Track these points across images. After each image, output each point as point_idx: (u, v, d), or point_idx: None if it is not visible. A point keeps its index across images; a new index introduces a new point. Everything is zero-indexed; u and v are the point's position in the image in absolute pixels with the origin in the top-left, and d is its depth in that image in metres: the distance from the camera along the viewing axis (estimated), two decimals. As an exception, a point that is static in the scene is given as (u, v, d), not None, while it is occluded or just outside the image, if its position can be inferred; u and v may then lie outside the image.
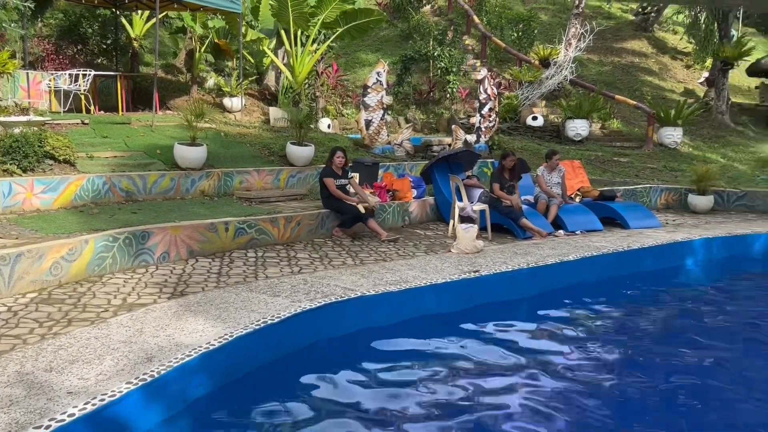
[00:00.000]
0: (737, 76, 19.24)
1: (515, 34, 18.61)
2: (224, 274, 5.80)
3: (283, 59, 13.39)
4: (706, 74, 18.96)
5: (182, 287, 5.35)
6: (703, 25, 18.61)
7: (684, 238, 8.20)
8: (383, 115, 11.32)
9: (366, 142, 11.30)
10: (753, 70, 17.62)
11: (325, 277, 5.69)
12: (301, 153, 9.73)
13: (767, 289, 7.60)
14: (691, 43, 20.61)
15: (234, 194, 8.70)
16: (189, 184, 8.46)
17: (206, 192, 8.57)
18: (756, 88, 18.33)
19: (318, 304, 4.80)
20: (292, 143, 9.80)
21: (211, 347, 3.89)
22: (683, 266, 8.05)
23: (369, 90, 11.15)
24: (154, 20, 11.31)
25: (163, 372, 3.50)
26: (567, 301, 6.20)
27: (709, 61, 18.54)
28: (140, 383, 3.35)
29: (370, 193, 8.51)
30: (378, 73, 11.12)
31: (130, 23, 13.45)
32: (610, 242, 7.77)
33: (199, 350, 3.82)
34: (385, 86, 11.26)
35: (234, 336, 4.09)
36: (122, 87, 11.70)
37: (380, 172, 9.67)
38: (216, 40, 13.52)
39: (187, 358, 3.70)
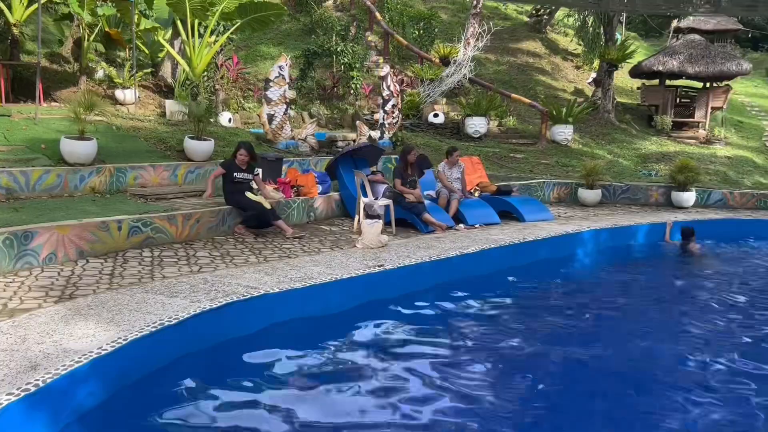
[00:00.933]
0: (621, 77, 20.55)
1: (416, 32, 18.92)
2: (117, 275, 5.51)
3: (179, 50, 12.89)
4: (593, 75, 20.11)
5: (71, 290, 5.03)
6: (591, 28, 19.71)
7: (574, 230, 8.68)
8: (286, 109, 11.16)
9: (269, 137, 11.11)
10: (635, 72, 18.85)
11: (226, 275, 5.54)
12: (199, 148, 9.41)
13: (650, 275, 8.20)
14: (580, 45, 21.79)
15: (128, 191, 8.27)
16: (77, 180, 7.97)
17: (97, 189, 8.10)
18: (638, 88, 19.64)
19: (219, 304, 4.66)
20: (190, 137, 9.46)
21: (103, 352, 3.68)
22: (574, 256, 8.52)
23: (271, 84, 10.96)
24: (36, 5, 10.52)
25: (49, 381, 3.27)
26: (468, 292, 6.37)
27: (596, 63, 19.67)
28: (23, 394, 3.11)
29: (274, 188, 8.38)
30: (280, 67, 10.95)
31: (9, 7, 12.45)
32: (507, 235, 8.08)
33: (90, 356, 3.61)
34: (287, 80, 11.10)
35: (128, 340, 3.89)
36: (0, 76, 10.81)
37: (284, 167, 9.54)
38: (106, 29, 12.79)
39: (77, 365, 3.48)
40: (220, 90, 13.80)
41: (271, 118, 11.02)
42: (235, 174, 7.57)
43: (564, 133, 15.17)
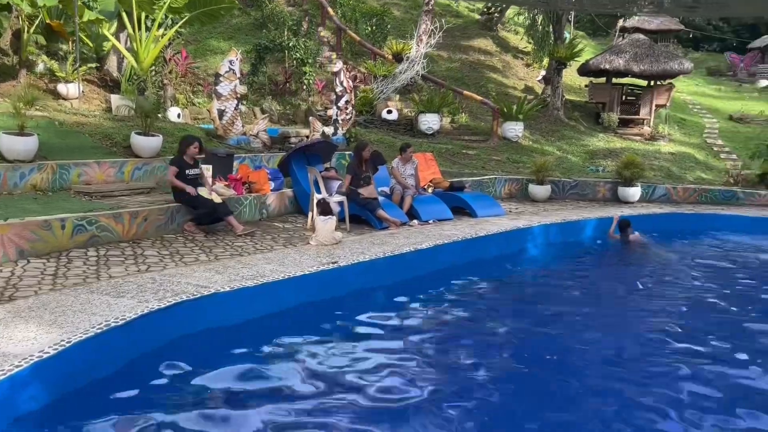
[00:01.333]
0: (570, 75, 21.00)
1: (369, 28, 18.89)
2: (61, 276, 5.31)
3: (125, 44, 12.51)
4: (543, 73, 20.48)
5: (11, 292, 4.82)
6: (540, 27, 20.06)
7: (525, 225, 8.83)
8: (237, 104, 10.98)
9: (219, 133, 10.91)
10: (583, 70, 19.29)
11: (175, 274, 5.41)
12: (147, 144, 9.16)
13: (596, 267, 8.43)
14: (530, 43, 22.15)
15: (71, 189, 7.98)
16: (17, 177, 7.64)
17: (38, 186, 7.78)
18: (585, 86, 20.11)
19: (168, 304, 4.55)
20: (137, 133, 9.19)
21: (45, 355, 3.54)
22: (525, 250, 8.66)
23: (221, 79, 10.76)
24: (-30, -6, 10.05)
25: (-14, 387, 3.13)
26: (422, 287, 6.42)
27: (545, 61, 20.04)
28: (-43, 402, 2.97)
29: (224, 185, 8.23)
30: (230, 62, 10.76)
31: (-59, -4, 11.84)
32: (460, 230, 8.16)
33: (31, 360, 3.47)
34: (238, 75, 10.92)
35: (72, 342, 3.75)
36: (-68, 68, 10.29)
37: (235, 163, 9.38)
38: (47, 20, 12.30)
39: (16, 369, 3.34)
40: (169, 85, 13.46)
41: (221, 113, 10.83)
42: (187, 171, 7.40)
43: (515, 130, 15.41)
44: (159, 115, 10.65)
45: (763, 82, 27.13)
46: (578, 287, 7.26)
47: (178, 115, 12.44)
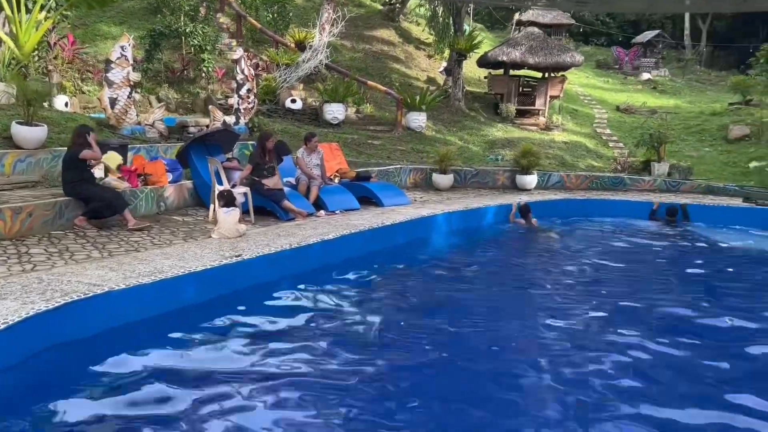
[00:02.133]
0: (470, 67, 21.56)
1: (270, 16, 18.50)
2: (-69, 279, 4.83)
3: (3, 27, 11.54)
4: (444, 64, 20.89)
5: None
6: (441, 19, 20.43)
7: (429, 213, 8.99)
8: (130, 92, 10.42)
9: (112, 122, 10.31)
10: (482, 62, 19.86)
11: (65, 273, 5.06)
12: (30, 134, 8.49)
13: (498, 251, 8.72)
14: (431, 34, 22.52)
15: (-57, 183, 7.29)
16: None
17: None
18: (485, 78, 20.72)
19: (56, 305, 4.24)
20: (18, 123, 8.50)
21: None
22: (430, 238, 8.83)
23: (113, 65, 10.17)
24: None
25: None
26: (330, 278, 6.37)
27: (446, 52, 20.45)
28: None
29: (117, 178, 7.79)
30: (122, 47, 10.18)
31: None
32: (366, 220, 8.18)
33: None
34: (131, 62, 10.36)
35: (-55, 351, 3.42)
36: None
37: (129, 154, 8.91)
38: None
39: None
40: (54, 71, 12.59)
41: (113, 101, 10.24)
42: (86, 162, 6.96)
43: (418, 120, 15.63)
44: (44, 104, 9.91)
45: (645, 75, 29.04)
46: (482, 272, 7.48)
47: (66, 104, 11.66)
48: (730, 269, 7.96)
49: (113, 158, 8.16)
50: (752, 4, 17.97)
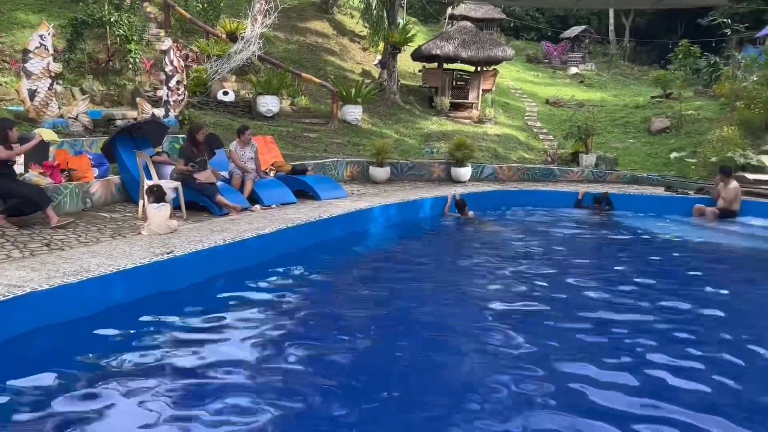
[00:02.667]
0: (405, 60, 21.66)
1: (200, 6, 18.00)
2: None
3: None
4: (379, 57, 20.90)
5: None
6: (375, 11, 20.41)
7: (367, 206, 8.99)
8: (51, 84, 9.92)
9: (31, 115, 9.79)
10: (416, 55, 19.98)
11: (-19, 274, 4.78)
12: (-60, 128, 7.95)
13: (435, 243, 8.82)
14: (365, 27, 22.46)
15: None
16: None
17: None
18: (419, 71, 20.86)
19: (-28, 308, 4.00)
20: (-74, 116, 7.96)
21: None
22: (367, 230, 8.84)
23: (31, 55, 9.64)
24: None
25: None
26: (266, 273, 6.27)
27: (381, 45, 20.46)
28: None
29: (39, 173, 7.41)
30: (41, 36, 9.67)
31: None
32: (303, 214, 8.10)
33: None
34: (51, 51, 9.85)
35: None
36: None
37: (51, 149, 8.48)
38: None
39: None
40: (-35, 61, 11.83)
41: (32, 93, 9.72)
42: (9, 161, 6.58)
43: (354, 113, 15.59)
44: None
45: (573, 69, 29.97)
46: (419, 263, 7.54)
47: (-21, 96, 10.99)
48: (653, 255, 8.32)
49: (48, 134, 7.83)
50: (669, 2, 18.86)
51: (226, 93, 14.86)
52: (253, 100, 14.99)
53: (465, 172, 13.06)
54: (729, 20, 23.45)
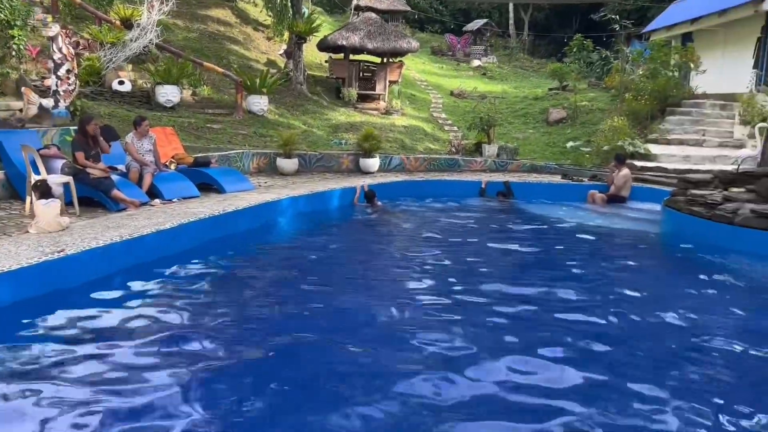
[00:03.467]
0: (311, 50, 21.45)
1: (92, -10, 16.98)
2: None
3: None
4: (284, 47, 20.57)
5: None
6: (279, 0, 20.05)
7: (273, 198, 8.86)
8: None
9: None
10: (322, 46, 19.81)
11: None
12: None
13: (344, 234, 8.82)
14: (269, 16, 22.04)
15: None
16: None
17: None
18: (326, 62, 20.73)
19: None
20: None
21: None
22: (275, 223, 8.71)
23: None
24: None
25: None
26: (166, 269, 6.05)
27: (286, 35, 20.14)
28: None
29: None
30: None
31: None
32: (206, 207, 7.86)
33: None
34: None
35: None
36: None
37: None
38: None
39: None
40: None
41: None
42: None
43: (259, 103, 15.27)
44: None
45: (476, 62, 30.80)
46: (328, 255, 7.52)
47: None
48: (551, 239, 8.73)
49: None
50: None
51: (122, 82, 14.13)
52: (151, 90, 14.34)
53: (373, 162, 13.13)
54: (618, 16, 24.92)
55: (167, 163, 9.71)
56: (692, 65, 17.79)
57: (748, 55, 17.21)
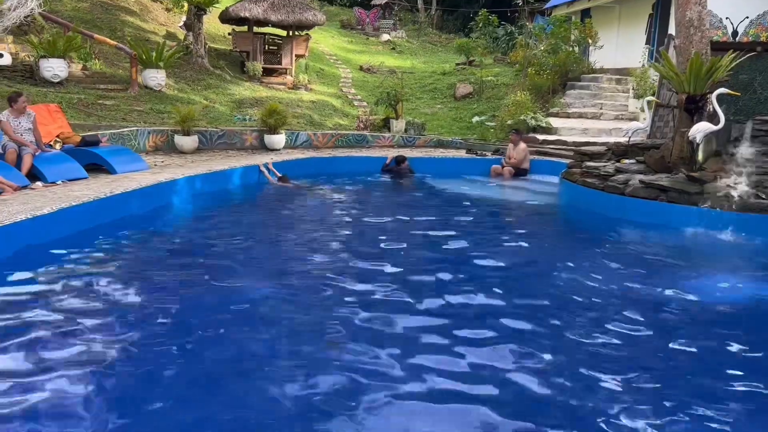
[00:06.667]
0: (213, 22, 20.55)
1: (-38, -48, 15.44)
2: None
3: None
4: (184, 18, 19.61)
5: None
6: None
7: (168, 178, 8.43)
8: None
9: None
10: (224, 18, 18.98)
11: None
12: None
13: (252, 214, 8.55)
14: (168, -14, 20.94)
15: None
16: None
17: None
18: (229, 34, 19.93)
19: None
20: None
21: None
22: (170, 204, 8.31)
23: None
24: None
25: None
26: (45, 259, 5.59)
27: (185, 6, 19.18)
28: None
29: None
30: None
31: None
32: (93, 190, 7.36)
33: None
34: None
35: None
36: None
37: None
38: None
39: None
40: None
41: None
42: None
43: (156, 78, 14.48)
44: None
45: (385, 36, 30.62)
46: (230, 236, 7.23)
47: None
48: (456, 213, 8.82)
49: None
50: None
51: (0, 55, 13.00)
52: (35, 64, 13.27)
53: (279, 139, 12.80)
54: (521, -8, 25.45)
55: (51, 143, 9.03)
56: (590, 41, 18.44)
57: (641, 31, 18.03)
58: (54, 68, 13.11)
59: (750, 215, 7.26)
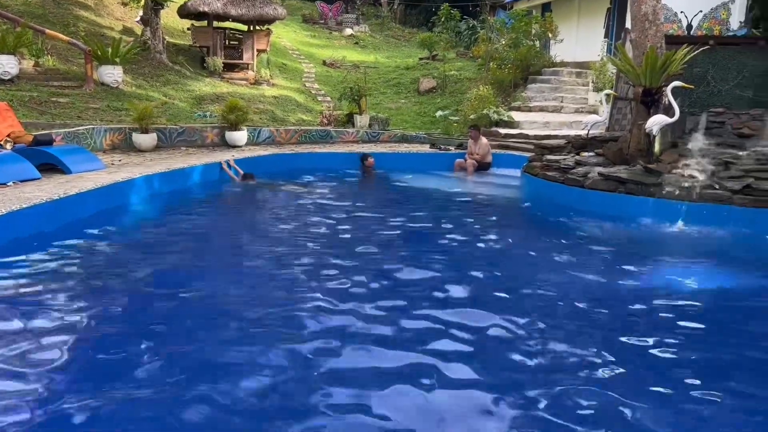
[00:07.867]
0: (172, 17, 20.15)
1: None
2: None
3: None
4: (141, 13, 19.16)
5: None
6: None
7: (125, 178, 8.23)
8: None
9: None
10: (183, 12, 18.59)
11: None
12: None
13: (208, 212, 8.39)
14: (122, -21, 20.42)
15: None
16: None
17: None
18: (188, 29, 19.56)
19: None
20: None
21: None
22: (128, 204, 8.12)
23: None
24: None
25: None
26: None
27: (142, 0, 18.74)
28: None
29: None
30: None
31: None
32: (45, 191, 7.12)
33: None
34: None
35: None
36: None
37: None
38: None
39: None
40: None
41: None
42: None
43: (113, 74, 14.12)
44: None
45: (348, 31, 30.46)
46: (191, 235, 7.10)
47: None
48: (420, 208, 8.82)
49: None
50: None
51: (-55, 52, 12.50)
52: (-17, 61, 12.81)
53: (240, 136, 12.62)
54: (483, -14, 25.58)
55: (1, 143, 8.73)
56: (551, 35, 18.64)
57: (599, 24, 18.30)
58: (4, 65, 12.68)
59: (705, 205, 7.42)
